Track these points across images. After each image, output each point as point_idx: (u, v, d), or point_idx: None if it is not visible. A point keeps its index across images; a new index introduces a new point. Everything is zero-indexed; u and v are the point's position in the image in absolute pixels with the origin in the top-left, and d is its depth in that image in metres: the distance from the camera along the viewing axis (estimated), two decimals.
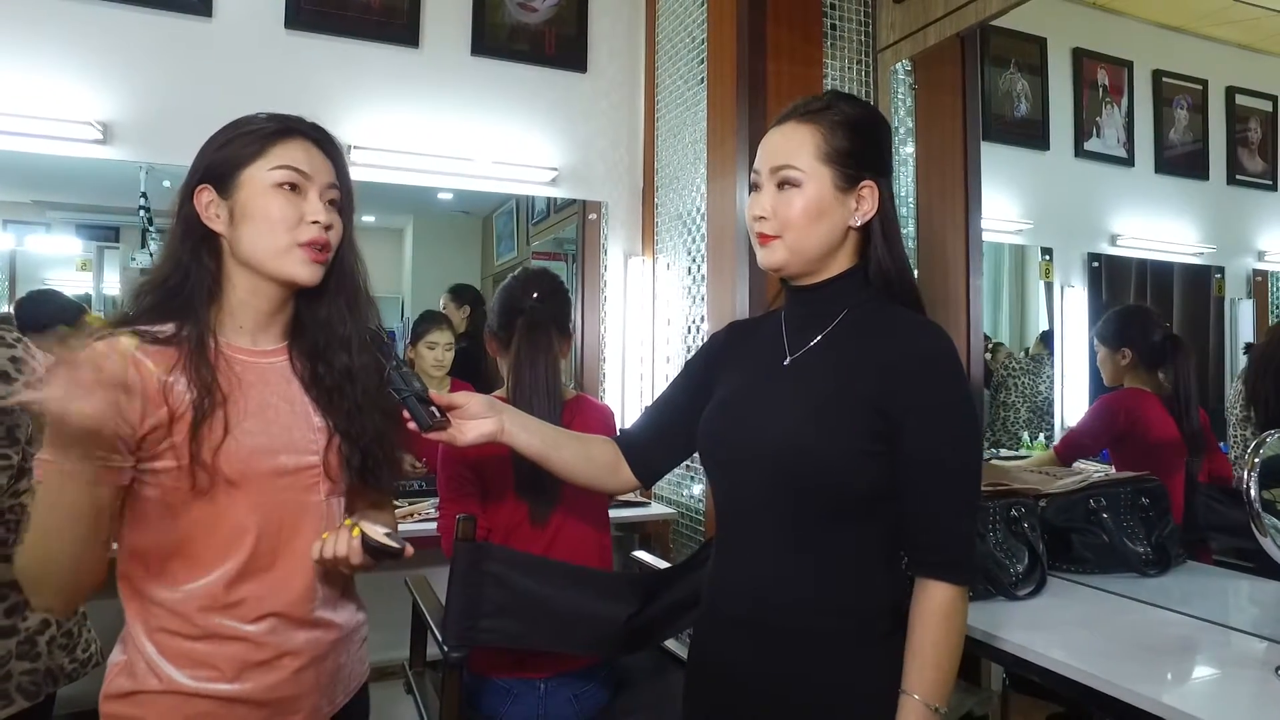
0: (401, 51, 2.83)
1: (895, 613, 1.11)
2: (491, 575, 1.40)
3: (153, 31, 2.55)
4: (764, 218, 1.17)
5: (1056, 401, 2.73)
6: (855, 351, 1.15)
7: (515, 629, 1.41)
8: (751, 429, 1.16)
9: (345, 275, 1.19)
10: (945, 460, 1.08)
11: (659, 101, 2.97)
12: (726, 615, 1.18)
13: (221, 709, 1.08)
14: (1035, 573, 1.62)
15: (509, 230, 3.55)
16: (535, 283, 1.77)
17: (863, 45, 2.28)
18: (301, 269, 1.11)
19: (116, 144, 2.49)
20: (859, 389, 1.10)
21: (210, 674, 1.07)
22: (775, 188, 1.17)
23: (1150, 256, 2.60)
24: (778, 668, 1.12)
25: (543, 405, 1.67)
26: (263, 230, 1.09)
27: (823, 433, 1.10)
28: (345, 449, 1.17)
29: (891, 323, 1.16)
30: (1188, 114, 2.64)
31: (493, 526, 1.66)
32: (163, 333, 1.07)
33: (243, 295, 1.13)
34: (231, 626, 1.08)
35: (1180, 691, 1.14)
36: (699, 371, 1.35)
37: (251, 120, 1.15)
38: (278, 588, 1.12)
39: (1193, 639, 1.37)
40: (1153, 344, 2.21)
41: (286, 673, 1.12)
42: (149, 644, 1.07)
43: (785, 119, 1.20)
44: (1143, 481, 1.81)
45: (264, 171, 1.10)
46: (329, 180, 1.14)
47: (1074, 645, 1.33)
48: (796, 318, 1.24)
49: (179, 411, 1.04)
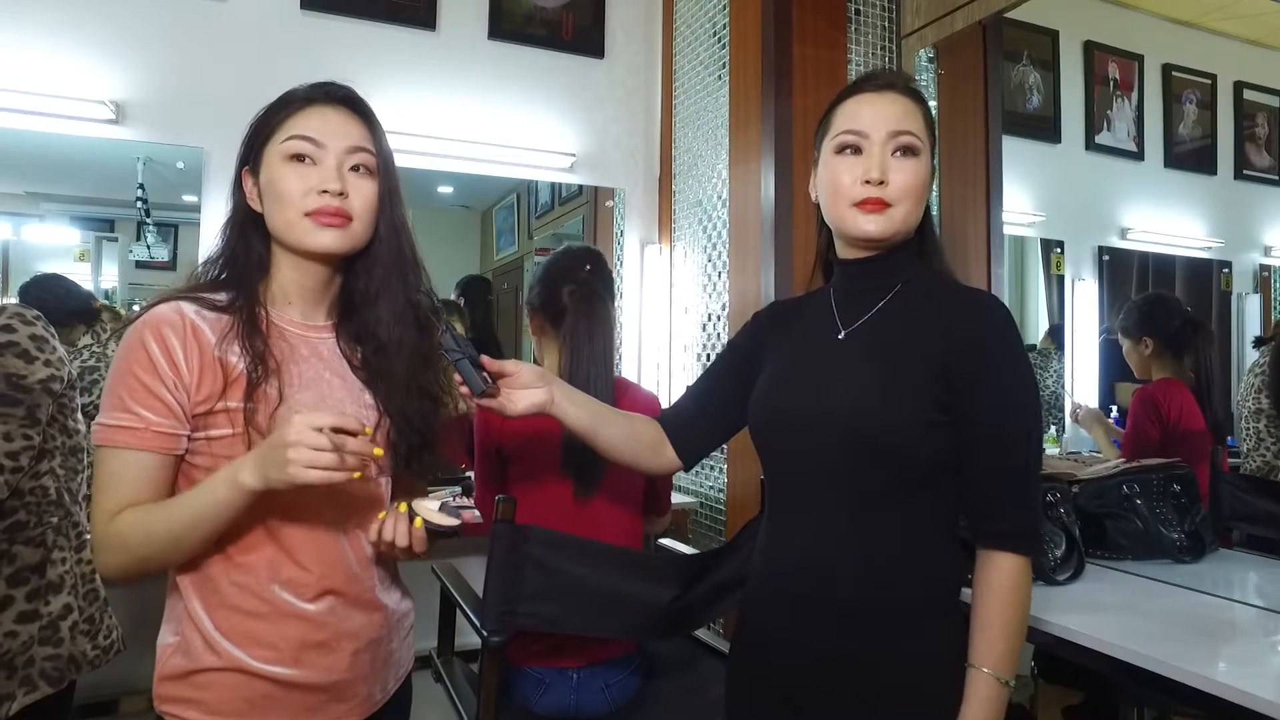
0: (418, 34, 2.80)
1: (957, 587, 1.11)
2: (532, 558, 1.36)
3: (167, 11, 2.52)
4: (882, 182, 1.11)
5: (1066, 395, 2.73)
6: (915, 323, 1.14)
7: (554, 612, 1.38)
8: (813, 399, 1.13)
9: (381, 243, 1.15)
10: (1009, 428, 1.08)
11: (677, 87, 2.95)
12: (787, 593, 1.15)
13: (280, 692, 1.06)
14: (1073, 558, 1.61)
15: (509, 225, 3.52)
16: (587, 257, 1.73)
17: (886, 30, 2.26)
18: (313, 236, 1.08)
19: (129, 124, 2.46)
20: (922, 358, 1.09)
21: (270, 654, 1.06)
22: (890, 154, 1.12)
23: (1159, 250, 2.60)
24: (843, 643, 1.09)
25: (601, 379, 1.63)
26: (276, 206, 1.09)
27: (890, 400, 1.08)
28: (393, 431, 1.16)
29: (948, 294, 1.15)
30: (1196, 109, 2.65)
31: (533, 506, 1.63)
32: (218, 301, 1.08)
33: (288, 272, 1.13)
34: (290, 603, 1.07)
35: (1232, 669, 1.13)
36: (746, 350, 1.32)
37: (285, 95, 1.13)
38: (335, 565, 1.10)
39: (1238, 621, 1.37)
40: (1174, 330, 2.20)
41: (344, 656, 1.11)
42: (208, 620, 1.05)
43: (885, 87, 1.16)
44: (1173, 468, 1.80)
45: (277, 145, 1.09)
46: (350, 144, 1.10)
47: (1119, 628, 1.32)
48: (849, 292, 1.22)
49: (233, 377, 1.04)
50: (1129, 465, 1.81)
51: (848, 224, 1.14)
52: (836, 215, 1.16)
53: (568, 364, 1.63)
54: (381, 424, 1.15)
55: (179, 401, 1.02)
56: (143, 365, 1.01)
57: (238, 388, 1.04)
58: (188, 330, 1.03)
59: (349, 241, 1.10)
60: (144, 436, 1.00)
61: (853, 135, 1.14)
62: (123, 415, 1.00)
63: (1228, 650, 1.24)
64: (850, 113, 1.16)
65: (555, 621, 1.40)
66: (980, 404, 1.07)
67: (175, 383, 1.01)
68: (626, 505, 1.69)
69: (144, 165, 2.61)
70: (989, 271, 2.27)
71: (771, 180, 2.18)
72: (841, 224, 1.16)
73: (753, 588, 1.23)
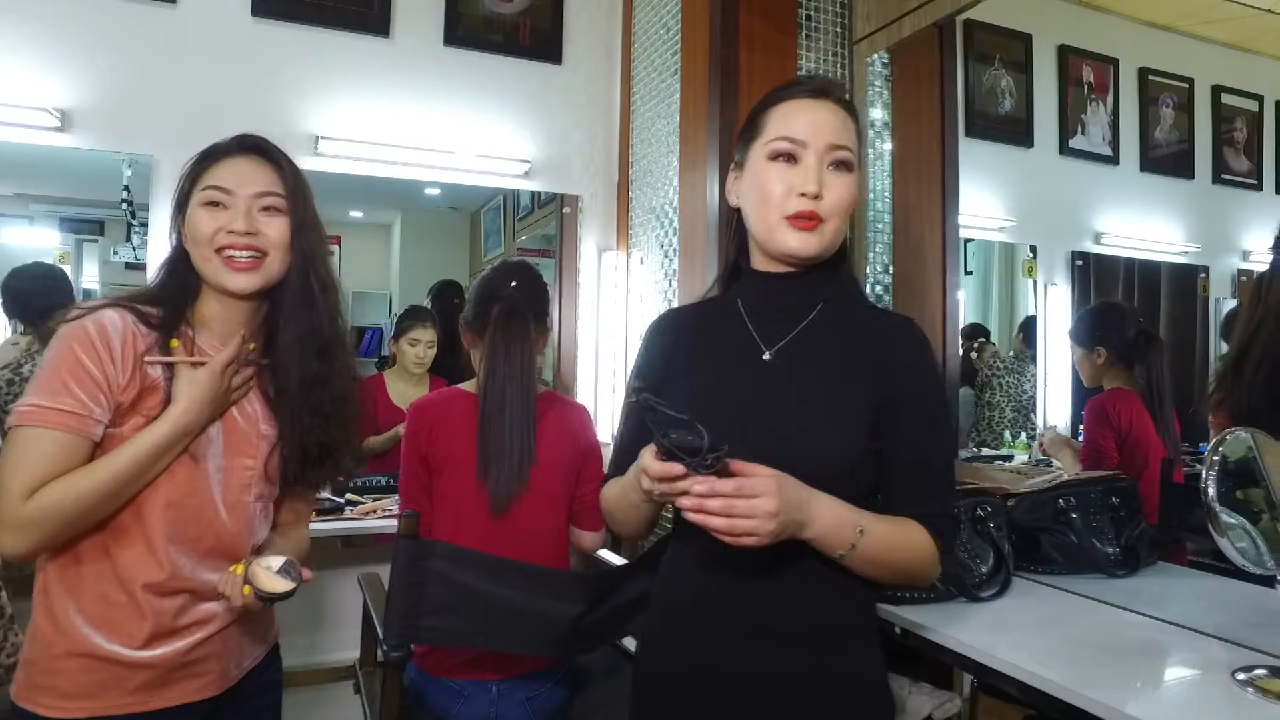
0: (372, 41, 2.78)
1: (875, 604, 1.16)
2: (434, 572, 1.37)
3: (114, 17, 2.51)
4: (818, 195, 1.08)
5: (1039, 400, 2.70)
6: (844, 349, 1.13)
7: (459, 627, 1.39)
8: (746, 425, 1.08)
9: (293, 273, 1.28)
10: (929, 438, 1.10)
11: (635, 94, 2.93)
12: (704, 619, 1.12)
13: (129, 673, 1.17)
14: (1000, 574, 1.59)
15: (496, 226, 3.53)
16: (514, 272, 1.76)
17: (838, 36, 2.24)
18: (226, 277, 1.23)
19: (76, 131, 2.45)
20: (857, 387, 1.10)
21: (123, 639, 1.16)
22: (826, 166, 1.10)
23: (1135, 255, 2.57)
24: (768, 669, 1.08)
25: (516, 395, 1.64)
26: (194, 245, 1.24)
27: (833, 431, 1.08)
28: (289, 454, 1.29)
29: (872, 320, 1.17)
30: (1173, 112, 2.62)
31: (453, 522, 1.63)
32: (152, 317, 1.22)
33: (212, 304, 1.27)
34: (147, 597, 1.17)
35: (1130, 695, 1.11)
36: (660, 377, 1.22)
37: (207, 150, 1.29)
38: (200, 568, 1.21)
39: (1152, 641, 1.35)
40: (1127, 341, 2.18)
41: (197, 638, 1.22)
42: (67, 607, 1.16)
43: (822, 95, 1.13)
44: (1114, 481, 1.78)
45: (198, 194, 1.25)
46: (258, 189, 1.25)
47: (1031, 647, 1.31)
48: (764, 308, 1.19)
49: (148, 384, 1.18)
50: (1066, 478, 1.79)
51: (776, 238, 1.12)
52: (765, 226, 1.13)
53: (484, 379, 1.65)
54: (275, 449, 1.29)
55: (109, 395, 1.15)
56: (89, 354, 1.13)
57: (152, 396, 1.18)
58: (127, 333, 1.17)
59: (263, 279, 1.24)
60: (85, 422, 1.12)
61: (788, 143, 1.10)
62: (65, 399, 1.11)
63: (1121, 671, 1.23)
64: (784, 118, 1.12)
65: (459, 637, 1.41)
66: (910, 429, 1.09)
67: (111, 376, 1.15)
68: (550, 522, 1.69)
69: (129, 167, 2.63)
70: (944, 280, 2.25)
71: (717, 187, 2.16)
72: (769, 236, 1.13)
73: (660, 610, 1.21)
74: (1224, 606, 1.48)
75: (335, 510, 2.26)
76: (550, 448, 1.69)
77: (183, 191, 1.27)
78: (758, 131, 1.15)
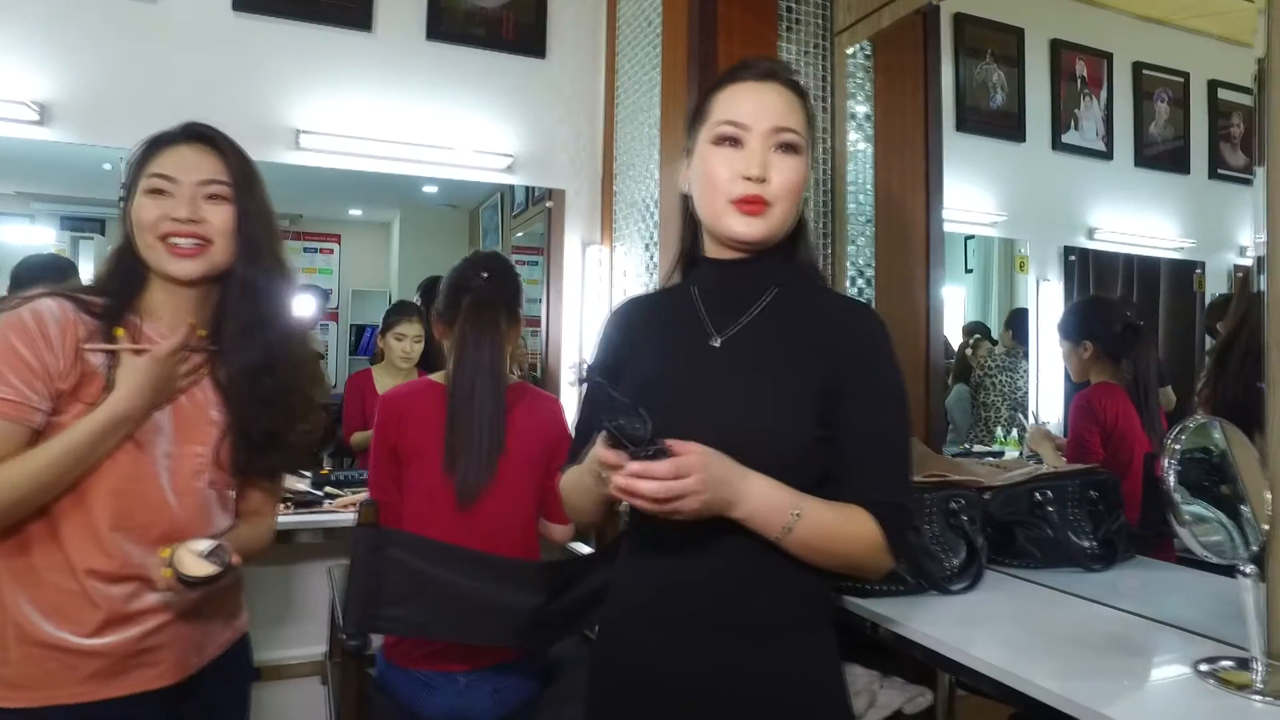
0: (354, 35, 2.78)
1: (830, 599, 1.12)
2: (393, 561, 1.37)
3: (94, 11, 2.51)
4: (763, 179, 1.07)
5: (1031, 396, 2.68)
6: (796, 334, 1.11)
7: (418, 618, 1.38)
8: (693, 413, 1.07)
9: (239, 260, 1.28)
10: (879, 425, 1.07)
11: (619, 88, 2.92)
12: (662, 613, 1.11)
13: (81, 661, 1.16)
14: (972, 567, 1.57)
15: (494, 224, 3.53)
16: (485, 263, 1.76)
17: (820, 28, 2.22)
18: (170, 264, 1.24)
19: (55, 125, 2.45)
20: (806, 373, 1.07)
21: (74, 627, 1.16)
22: (771, 149, 1.08)
23: (1129, 251, 2.55)
24: (725, 664, 1.06)
25: (485, 386, 1.64)
26: (138, 232, 1.25)
27: (780, 418, 1.06)
28: (236, 442, 1.29)
29: (825, 305, 1.14)
30: (1169, 107, 2.60)
31: (421, 513, 1.63)
32: (95, 306, 1.23)
33: (159, 293, 1.28)
34: (96, 586, 1.17)
35: (1087, 686, 1.09)
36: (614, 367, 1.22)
37: (153, 137, 1.30)
38: (151, 555, 1.19)
39: (1118, 634, 1.33)
40: (1114, 335, 2.16)
41: (150, 627, 1.21)
42: (17, 598, 1.16)
43: (767, 77, 1.11)
44: (1093, 474, 1.76)
45: (142, 182, 1.26)
46: (203, 177, 1.26)
47: (997, 640, 1.30)
48: (717, 294, 1.17)
49: (89, 373, 1.18)
50: (1043, 471, 1.77)
51: (723, 223, 1.10)
52: (711, 212, 1.12)
53: (453, 371, 1.64)
54: (226, 436, 1.29)
55: (47, 383, 1.15)
56: (25, 343, 1.14)
57: (93, 383, 1.19)
58: (65, 321, 1.18)
59: (206, 266, 1.25)
60: (20, 409, 1.13)
61: (732, 127, 1.09)
62: (0, 388, 1.12)
63: (1081, 664, 1.21)
64: (729, 102, 1.11)
65: (421, 627, 1.41)
66: (859, 416, 1.06)
67: (50, 364, 1.15)
68: (519, 514, 1.68)
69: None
70: (928, 274, 2.23)
71: None
72: (716, 221, 1.12)
73: (617, 604, 1.19)
74: (1197, 599, 1.46)
75: (314, 503, 2.26)
76: (520, 439, 1.69)
77: (129, 180, 1.28)
78: (704, 117, 1.14)
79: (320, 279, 3.35)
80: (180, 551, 1.14)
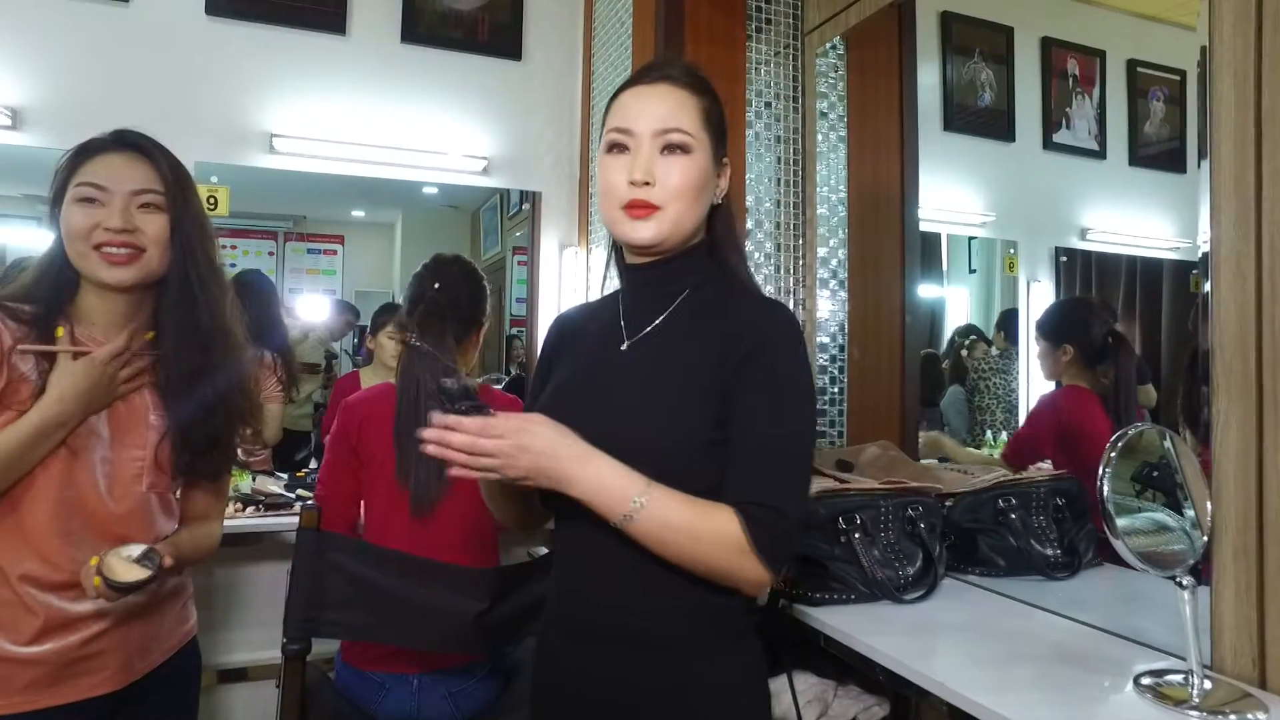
0: (328, 39, 2.79)
1: (747, 612, 1.08)
2: (334, 565, 1.36)
3: (67, 16, 2.52)
4: (648, 184, 1.05)
5: (1021, 399, 2.64)
6: (699, 333, 1.09)
7: (361, 621, 1.38)
8: (585, 421, 1.03)
9: (173, 267, 1.28)
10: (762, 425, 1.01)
11: (595, 89, 2.90)
12: (576, 625, 1.09)
13: (20, 670, 1.16)
14: (928, 576, 1.55)
15: (494, 225, 3.53)
16: (439, 272, 1.75)
17: (790, 26, 2.20)
18: (103, 271, 1.24)
19: (27, 130, 2.48)
20: (700, 372, 1.05)
21: (12, 635, 1.16)
22: (658, 152, 1.07)
23: (1122, 251, 2.50)
24: (641, 676, 1.04)
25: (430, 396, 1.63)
26: (69, 241, 1.25)
27: (665, 422, 1.03)
28: (177, 445, 1.29)
29: (733, 301, 1.11)
30: (1164, 105, 2.54)
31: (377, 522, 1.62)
32: (23, 312, 1.23)
33: (92, 299, 1.28)
34: (32, 594, 1.17)
35: (1022, 700, 1.07)
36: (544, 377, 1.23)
37: (83, 144, 1.30)
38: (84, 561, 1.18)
39: (1067, 645, 1.30)
40: (1095, 340, 2.11)
41: (92, 634, 1.21)
42: None
43: (658, 80, 1.10)
44: (1059, 481, 1.73)
45: (71, 189, 1.25)
46: (136, 187, 1.26)
47: (940, 651, 1.29)
48: (634, 299, 1.16)
49: (16, 378, 1.19)
50: (1008, 478, 1.73)
51: (618, 229, 1.10)
52: (608, 219, 1.11)
53: (399, 382, 1.65)
54: (165, 439, 1.29)
55: None
56: None
57: (23, 388, 1.19)
58: None
59: (141, 273, 1.26)
60: None
61: (618, 134, 1.09)
62: None
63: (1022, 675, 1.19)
64: (618, 109, 1.11)
65: (364, 631, 1.41)
66: (744, 416, 1.02)
67: None
68: (477, 524, 1.67)
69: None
70: (903, 276, 2.19)
71: None
72: (613, 228, 1.11)
73: (546, 615, 1.17)
74: (1153, 609, 1.42)
75: (285, 505, 2.26)
76: None
77: (58, 186, 1.28)
78: (603, 128, 1.14)
79: (324, 280, 3.36)
80: (109, 558, 1.13)
